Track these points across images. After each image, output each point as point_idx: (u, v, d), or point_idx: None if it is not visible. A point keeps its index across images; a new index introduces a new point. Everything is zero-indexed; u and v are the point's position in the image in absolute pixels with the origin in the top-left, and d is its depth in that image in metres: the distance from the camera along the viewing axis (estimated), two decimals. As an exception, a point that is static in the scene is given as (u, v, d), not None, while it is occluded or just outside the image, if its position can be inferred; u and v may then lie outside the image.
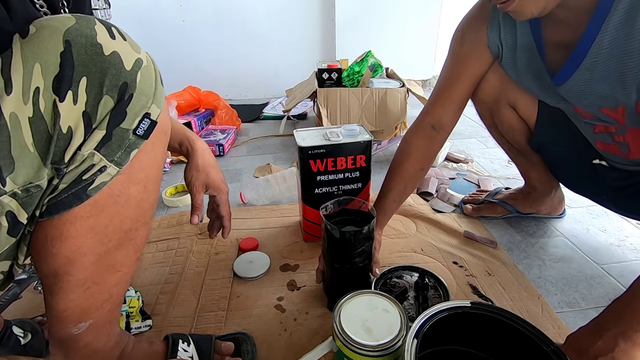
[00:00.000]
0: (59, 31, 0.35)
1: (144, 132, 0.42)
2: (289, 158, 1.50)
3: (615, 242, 0.96)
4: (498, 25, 0.75)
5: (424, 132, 0.84)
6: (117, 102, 0.39)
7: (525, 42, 0.73)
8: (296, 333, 0.72)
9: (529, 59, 0.74)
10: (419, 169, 0.86)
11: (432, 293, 0.79)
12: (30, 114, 0.35)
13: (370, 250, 0.72)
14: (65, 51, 0.35)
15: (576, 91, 0.68)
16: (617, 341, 0.54)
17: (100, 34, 0.37)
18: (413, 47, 2.32)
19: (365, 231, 0.67)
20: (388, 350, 0.52)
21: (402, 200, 0.87)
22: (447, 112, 0.83)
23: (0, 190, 0.36)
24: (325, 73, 1.59)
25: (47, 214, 0.41)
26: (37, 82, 0.34)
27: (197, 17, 2.12)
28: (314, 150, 0.83)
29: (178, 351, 0.59)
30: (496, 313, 0.52)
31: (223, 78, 2.25)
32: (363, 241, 0.69)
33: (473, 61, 0.81)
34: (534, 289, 0.81)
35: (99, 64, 0.37)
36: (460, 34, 0.81)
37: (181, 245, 0.97)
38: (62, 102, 0.36)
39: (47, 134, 0.36)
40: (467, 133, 1.70)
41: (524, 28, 0.72)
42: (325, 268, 0.76)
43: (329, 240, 0.70)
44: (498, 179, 1.29)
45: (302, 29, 2.25)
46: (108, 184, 0.42)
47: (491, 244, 0.95)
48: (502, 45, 0.76)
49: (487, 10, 0.76)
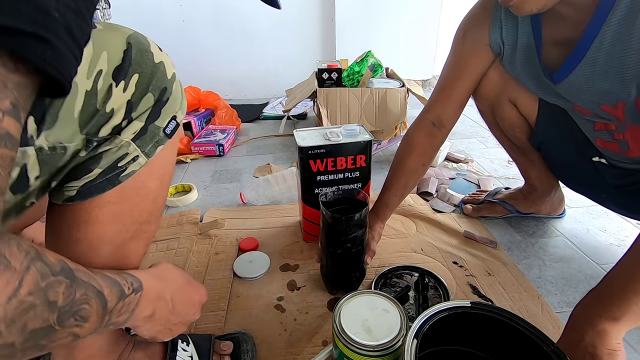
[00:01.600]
0: (123, 33, 0.44)
1: (170, 131, 0.49)
2: (289, 158, 1.50)
3: (616, 242, 0.96)
4: (500, 24, 0.75)
5: (425, 129, 0.86)
6: (156, 101, 0.46)
7: (525, 41, 0.73)
8: (296, 333, 0.72)
9: (527, 57, 0.74)
10: (420, 164, 0.87)
11: (432, 293, 0.79)
12: (89, 88, 0.40)
13: (363, 238, 0.74)
14: (127, 49, 0.43)
15: (576, 88, 0.68)
16: (586, 332, 0.56)
17: (152, 45, 0.46)
18: (413, 47, 2.32)
19: (357, 218, 0.69)
20: (388, 350, 0.52)
21: (404, 194, 0.89)
22: (447, 110, 0.84)
23: (31, 141, 0.37)
24: (325, 73, 1.59)
25: (80, 197, 0.44)
26: (101, 65, 0.41)
27: (197, 17, 2.12)
28: (314, 150, 0.83)
29: (177, 351, 0.59)
30: (496, 313, 0.52)
31: (223, 78, 2.25)
32: (355, 228, 0.70)
33: (474, 60, 0.81)
34: (534, 289, 0.81)
35: (150, 67, 0.45)
36: (462, 32, 0.81)
37: (181, 245, 0.96)
38: (115, 88, 0.42)
39: (94, 108, 0.41)
40: (467, 133, 1.70)
41: (525, 26, 0.72)
42: (322, 252, 0.78)
43: (323, 225, 0.73)
44: (498, 179, 1.29)
45: (302, 29, 2.25)
46: (134, 174, 0.46)
47: (491, 244, 0.95)
48: (503, 44, 0.77)
49: (489, 9, 0.76)
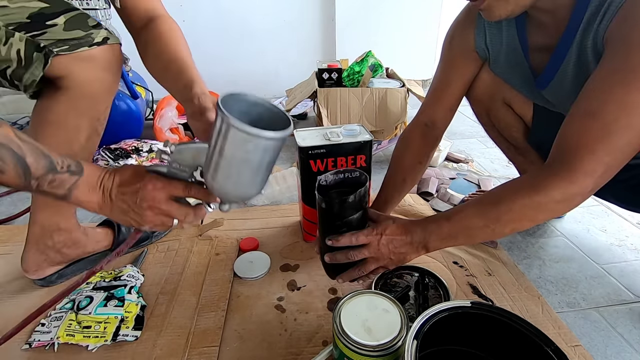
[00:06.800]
0: None
1: None
2: (289, 158, 1.50)
3: (616, 242, 0.96)
4: (484, 30, 0.76)
5: (419, 130, 0.87)
6: None
7: (511, 46, 0.74)
8: (296, 333, 0.72)
9: (515, 62, 0.75)
10: (417, 162, 0.88)
11: (433, 293, 0.79)
12: None
13: (360, 222, 0.67)
14: None
15: (557, 94, 0.69)
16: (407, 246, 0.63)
17: None
18: (413, 47, 2.32)
19: (352, 200, 0.63)
20: (388, 350, 0.52)
21: (403, 191, 0.90)
22: (438, 112, 0.86)
23: None
24: (325, 73, 1.59)
25: None
26: None
27: (197, 17, 2.12)
28: (314, 150, 0.83)
29: None
30: (496, 313, 0.53)
31: (223, 78, 2.25)
32: (351, 210, 0.65)
33: (462, 65, 0.82)
34: (534, 289, 0.81)
35: None
36: (449, 38, 0.83)
37: (182, 246, 0.96)
38: None
39: None
40: (467, 133, 1.70)
41: (510, 31, 0.73)
42: (319, 238, 0.73)
43: (318, 210, 0.67)
44: (498, 179, 1.29)
45: (302, 29, 2.25)
46: None
47: (491, 244, 0.95)
48: (488, 49, 0.78)
49: (473, 16, 0.78)
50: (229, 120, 0.42)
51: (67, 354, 0.69)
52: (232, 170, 0.47)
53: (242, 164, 0.46)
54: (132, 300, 0.77)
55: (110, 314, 0.74)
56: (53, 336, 0.70)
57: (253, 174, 0.48)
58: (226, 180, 0.48)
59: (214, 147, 0.46)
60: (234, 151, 0.45)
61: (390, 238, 0.63)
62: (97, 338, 0.70)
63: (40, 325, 0.73)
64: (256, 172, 0.48)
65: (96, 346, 0.69)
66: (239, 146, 0.44)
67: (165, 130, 1.51)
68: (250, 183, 0.49)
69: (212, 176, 0.48)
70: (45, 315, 0.75)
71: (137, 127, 1.53)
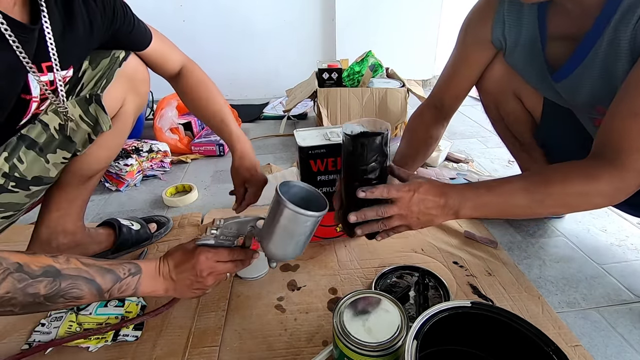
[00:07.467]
0: None
1: None
2: (289, 158, 1.50)
3: (616, 242, 0.96)
4: (503, 20, 0.75)
5: (430, 109, 0.90)
6: None
7: (529, 35, 0.72)
8: (296, 333, 0.72)
9: (531, 53, 0.74)
10: (429, 136, 0.89)
11: (433, 293, 0.79)
12: None
13: (383, 170, 0.66)
14: None
15: (573, 88, 0.68)
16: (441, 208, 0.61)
17: None
18: (413, 47, 2.32)
19: (378, 141, 0.62)
20: (388, 350, 0.52)
21: (416, 161, 0.90)
22: (446, 99, 0.88)
23: None
24: (325, 73, 1.59)
25: None
26: None
27: (197, 17, 2.12)
28: (314, 150, 0.83)
29: None
30: (496, 313, 0.53)
31: (223, 78, 2.24)
32: (375, 154, 0.64)
33: (475, 55, 0.82)
34: (534, 289, 0.81)
35: None
36: (465, 26, 0.82)
37: (181, 245, 0.96)
38: None
39: None
40: (468, 133, 1.70)
41: (531, 20, 0.71)
42: (341, 191, 0.71)
43: (344, 158, 0.67)
44: (498, 179, 1.29)
45: (302, 29, 2.25)
46: None
47: (491, 244, 0.95)
48: (505, 41, 0.77)
49: (492, 6, 0.76)
50: (284, 203, 0.57)
51: (68, 353, 0.69)
52: (284, 238, 0.61)
53: (291, 234, 0.60)
54: (132, 300, 0.77)
55: (110, 314, 0.74)
56: (53, 336, 0.70)
57: (297, 240, 0.62)
58: (277, 245, 0.62)
59: (271, 221, 0.60)
60: (286, 224, 0.59)
61: (422, 197, 0.61)
62: (98, 339, 0.70)
63: (40, 326, 0.73)
64: (300, 239, 0.62)
65: (97, 347, 0.69)
66: (291, 221, 0.59)
67: (165, 130, 1.51)
68: (295, 247, 0.63)
69: (267, 242, 0.62)
70: (45, 315, 0.75)
71: (137, 127, 1.53)
